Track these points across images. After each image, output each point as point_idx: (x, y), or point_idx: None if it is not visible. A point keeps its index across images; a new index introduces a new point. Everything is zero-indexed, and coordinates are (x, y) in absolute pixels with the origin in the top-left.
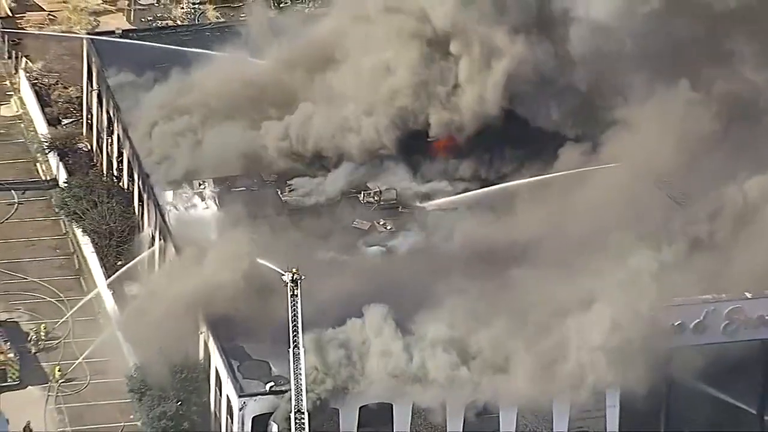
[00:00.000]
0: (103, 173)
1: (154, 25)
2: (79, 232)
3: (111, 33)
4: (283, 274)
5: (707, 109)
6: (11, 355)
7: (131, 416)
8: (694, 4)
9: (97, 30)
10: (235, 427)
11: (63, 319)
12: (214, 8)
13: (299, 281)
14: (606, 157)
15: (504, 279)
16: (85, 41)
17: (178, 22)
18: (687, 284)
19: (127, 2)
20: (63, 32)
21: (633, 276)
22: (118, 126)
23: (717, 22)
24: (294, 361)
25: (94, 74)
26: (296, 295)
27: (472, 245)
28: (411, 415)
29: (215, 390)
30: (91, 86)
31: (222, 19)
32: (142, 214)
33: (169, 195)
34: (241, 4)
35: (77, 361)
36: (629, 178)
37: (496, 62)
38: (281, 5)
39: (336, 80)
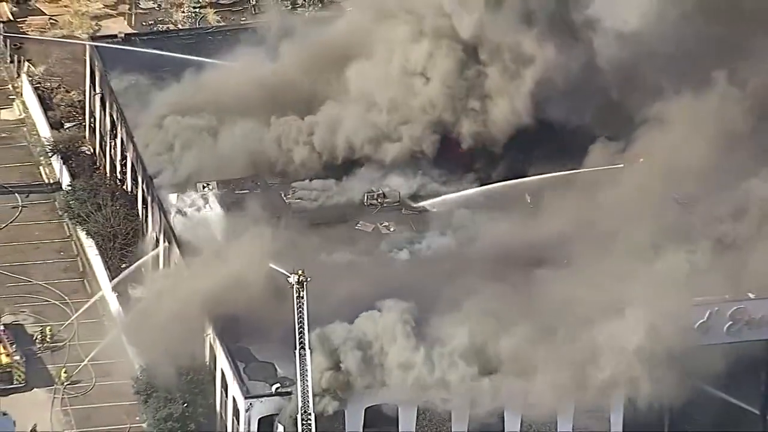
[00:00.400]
0: (106, 176)
1: (155, 28)
2: (83, 234)
3: (114, 37)
4: (289, 276)
5: (740, 106)
6: (17, 357)
7: (137, 418)
8: (725, 3)
9: (98, 34)
10: (242, 428)
11: (68, 322)
12: (215, 12)
13: (305, 283)
14: (636, 154)
15: (530, 281)
16: (87, 45)
17: (179, 26)
18: (714, 285)
19: (128, 6)
20: (66, 37)
21: (664, 277)
22: (121, 129)
23: (746, 20)
24: (300, 363)
25: (97, 78)
26: (302, 297)
27: (498, 246)
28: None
29: (221, 391)
30: (94, 90)
31: (223, 23)
32: (146, 216)
33: (173, 198)
34: (241, 8)
35: (83, 363)
36: (657, 176)
37: (526, 70)
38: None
39: (360, 80)
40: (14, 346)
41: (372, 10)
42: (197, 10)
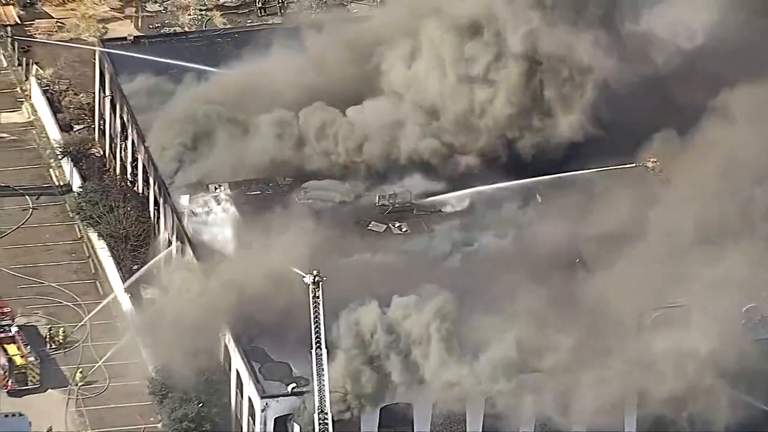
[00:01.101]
0: (117, 178)
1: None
2: (94, 236)
3: (123, 39)
4: (304, 276)
5: None
6: (32, 358)
7: (151, 418)
8: None
9: (106, 37)
10: (257, 428)
11: (81, 323)
12: (221, 15)
13: (321, 283)
14: (698, 148)
15: (577, 282)
16: (97, 47)
17: (186, 29)
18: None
19: (134, 9)
20: (74, 40)
21: (724, 278)
22: (132, 131)
23: None
24: (317, 362)
25: (107, 80)
26: (318, 297)
27: (548, 245)
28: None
29: (236, 392)
30: (104, 92)
31: (229, 26)
32: (158, 218)
33: (185, 199)
34: (247, 11)
35: (97, 365)
36: (716, 171)
37: (585, 80)
38: (288, 11)
39: (410, 82)
40: (28, 347)
41: (406, 8)
42: (203, 12)
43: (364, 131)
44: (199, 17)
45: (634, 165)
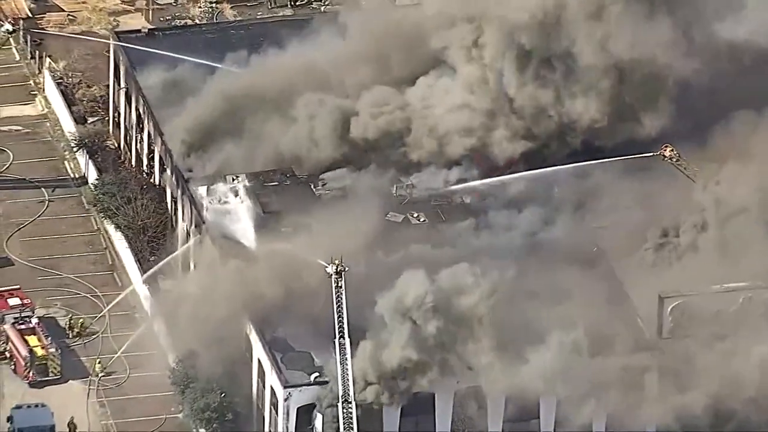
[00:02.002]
0: (132, 170)
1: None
2: (111, 228)
3: (137, 32)
4: (326, 266)
5: None
6: (52, 349)
7: (172, 409)
8: None
9: (117, 30)
10: (280, 418)
11: (101, 314)
12: (231, 7)
13: (343, 273)
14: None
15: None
16: (111, 40)
17: (197, 21)
18: None
19: (145, 2)
20: (86, 33)
21: None
22: (149, 123)
23: None
24: (340, 352)
25: (122, 72)
26: (340, 287)
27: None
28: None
29: (257, 381)
30: (118, 84)
31: (240, 18)
32: (176, 209)
33: (203, 190)
34: (256, 3)
35: (116, 355)
36: None
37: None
38: (297, 3)
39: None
40: (49, 338)
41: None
42: (213, 5)
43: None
44: (210, 9)
45: (651, 154)
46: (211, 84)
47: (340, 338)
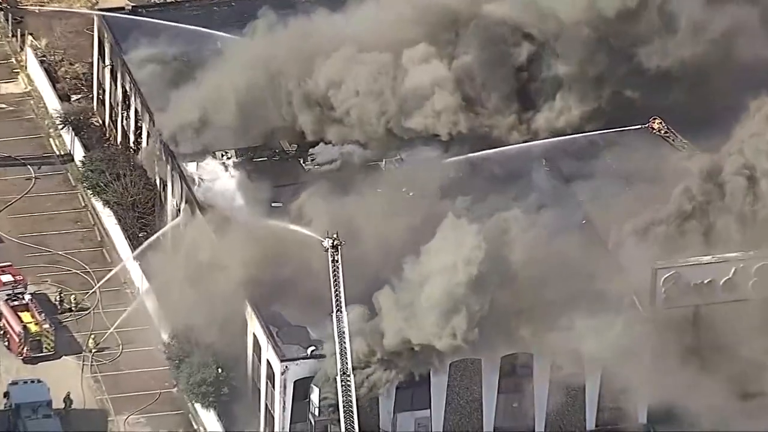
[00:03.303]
0: (120, 146)
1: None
2: (99, 205)
3: (121, 9)
4: (322, 240)
5: None
6: (46, 325)
7: (166, 383)
8: None
9: (98, 7)
10: (277, 392)
11: (92, 290)
12: None
13: (339, 246)
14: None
15: None
16: (96, 17)
17: None
18: None
19: None
20: (71, 7)
21: None
22: (136, 100)
23: None
24: (337, 325)
25: (107, 50)
26: (337, 261)
27: None
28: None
29: (253, 356)
30: (103, 62)
31: None
32: (164, 185)
33: (192, 166)
34: None
35: (109, 331)
36: None
37: None
38: None
39: None
40: (43, 314)
41: None
42: None
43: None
44: None
45: (639, 126)
46: (235, 53)
47: (337, 312)
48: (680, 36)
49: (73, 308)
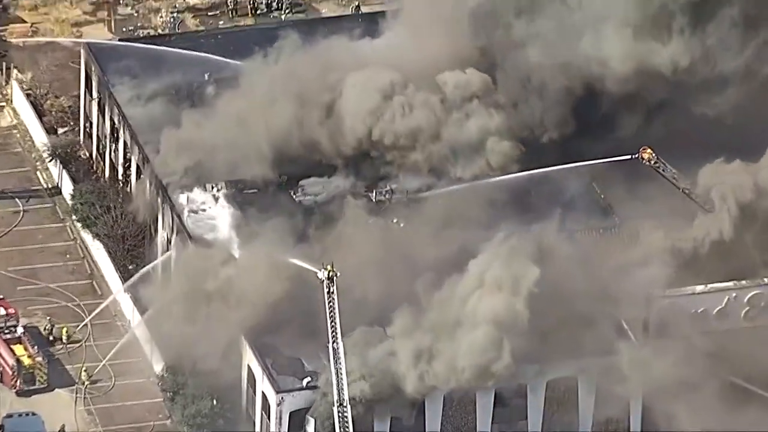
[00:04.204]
0: (106, 179)
1: (135, 34)
2: (88, 237)
3: (108, 41)
4: (317, 272)
5: None
6: (39, 358)
7: (160, 415)
8: None
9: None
10: (272, 423)
11: (84, 323)
12: (193, 16)
13: (335, 278)
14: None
15: None
16: (83, 49)
17: (159, 31)
18: None
19: (107, 13)
20: (50, 44)
21: None
22: (125, 132)
23: None
24: (334, 356)
25: (94, 82)
26: (332, 292)
27: None
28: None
29: (247, 388)
30: (90, 95)
31: (202, 27)
32: (155, 218)
33: (183, 198)
34: (218, 12)
35: (102, 363)
36: None
37: None
38: (258, 13)
39: None
40: (35, 347)
41: None
42: (175, 14)
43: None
44: (172, 19)
45: (629, 157)
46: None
47: (333, 343)
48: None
49: (64, 340)
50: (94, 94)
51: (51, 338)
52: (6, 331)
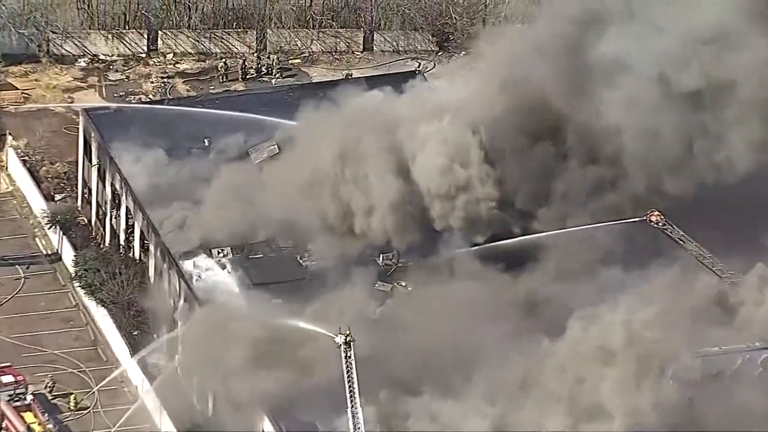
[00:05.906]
0: (113, 245)
1: (126, 100)
2: (91, 304)
3: (106, 108)
4: (334, 337)
5: None
6: (50, 425)
7: None
8: None
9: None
10: None
11: (93, 390)
12: (183, 82)
13: (352, 343)
14: None
15: None
16: (81, 115)
17: (150, 97)
18: None
19: (97, 79)
20: (41, 111)
21: None
22: (127, 198)
23: None
24: (353, 421)
25: (93, 148)
26: (350, 356)
27: None
28: None
29: None
30: (88, 161)
31: (192, 93)
32: (161, 284)
33: (189, 264)
34: (208, 77)
35: (112, 431)
36: None
37: None
38: (247, 77)
39: None
40: (45, 414)
41: None
42: (166, 80)
43: None
44: (162, 84)
45: (637, 219)
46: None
47: (352, 408)
48: None
49: (72, 408)
50: (93, 159)
51: (51, 394)
52: (15, 399)
